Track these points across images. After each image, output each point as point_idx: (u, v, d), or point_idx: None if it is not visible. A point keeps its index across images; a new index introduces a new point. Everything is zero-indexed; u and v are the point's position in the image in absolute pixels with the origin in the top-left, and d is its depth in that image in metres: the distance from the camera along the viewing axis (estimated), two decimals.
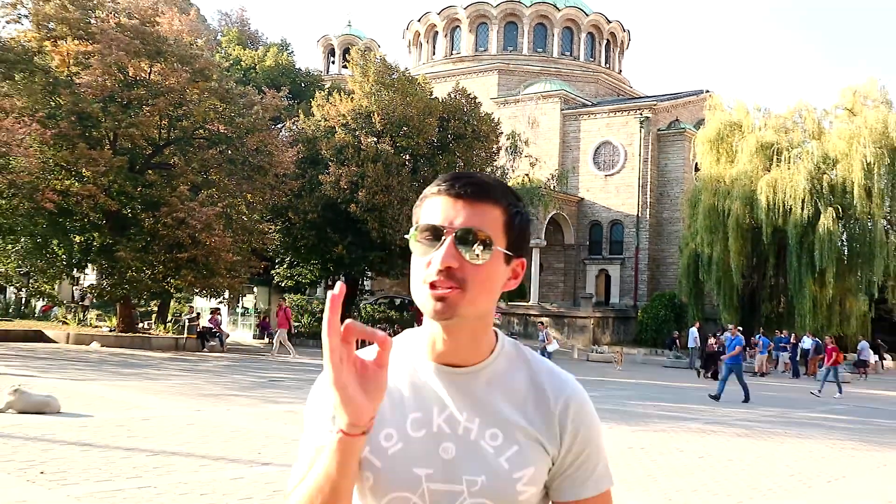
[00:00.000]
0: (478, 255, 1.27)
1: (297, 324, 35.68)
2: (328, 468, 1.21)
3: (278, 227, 32.17)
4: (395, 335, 1.34)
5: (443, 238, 1.28)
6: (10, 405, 10.51)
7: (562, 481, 1.33)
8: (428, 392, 1.35)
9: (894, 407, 19.97)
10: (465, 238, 1.28)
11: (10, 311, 35.17)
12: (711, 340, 30.34)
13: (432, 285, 1.28)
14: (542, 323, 32.36)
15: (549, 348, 26.83)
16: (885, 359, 38.70)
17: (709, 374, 27.90)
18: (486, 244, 1.28)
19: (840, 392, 22.66)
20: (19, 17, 25.57)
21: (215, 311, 29.20)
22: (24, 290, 36.57)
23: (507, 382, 1.37)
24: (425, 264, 1.29)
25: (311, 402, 1.42)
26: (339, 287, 1.20)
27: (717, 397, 18.50)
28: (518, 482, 1.29)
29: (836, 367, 23.38)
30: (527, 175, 39.41)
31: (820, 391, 22.70)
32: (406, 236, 1.35)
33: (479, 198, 1.31)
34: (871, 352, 35.07)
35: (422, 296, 1.30)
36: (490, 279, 1.31)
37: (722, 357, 24.60)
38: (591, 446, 1.36)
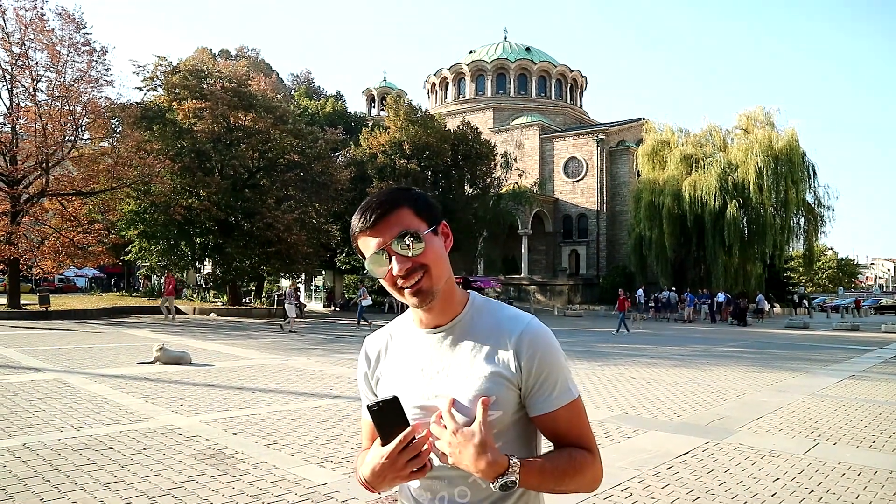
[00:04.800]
0: (418, 246, 1.24)
1: (353, 296, 35.61)
2: None
3: (338, 227, 31.97)
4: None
5: (386, 255, 1.24)
6: (157, 358, 10.70)
7: (531, 400, 1.25)
8: (416, 350, 1.34)
9: (782, 341, 19.79)
10: (401, 243, 1.23)
11: (155, 292, 35.50)
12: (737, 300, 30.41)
13: (404, 286, 1.25)
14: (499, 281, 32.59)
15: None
16: (774, 307, 38.70)
17: (741, 324, 28.51)
18: (415, 236, 1.24)
19: (620, 331, 21.30)
20: (156, 87, 26.59)
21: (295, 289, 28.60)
22: (163, 277, 36.86)
23: (475, 331, 1.30)
24: (388, 278, 1.26)
25: (358, 376, 1.49)
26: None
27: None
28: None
29: (624, 311, 22.14)
30: (516, 183, 39.04)
31: (617, 331, 21.33)
32: (364, 271, 1.30)
33: (387, 213, 1.25)
34: (766, 302, 34.78)
35: (401, 297, 1.27)
36: (437, 253, 1.26)
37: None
38: (550, 367, 1.25)
